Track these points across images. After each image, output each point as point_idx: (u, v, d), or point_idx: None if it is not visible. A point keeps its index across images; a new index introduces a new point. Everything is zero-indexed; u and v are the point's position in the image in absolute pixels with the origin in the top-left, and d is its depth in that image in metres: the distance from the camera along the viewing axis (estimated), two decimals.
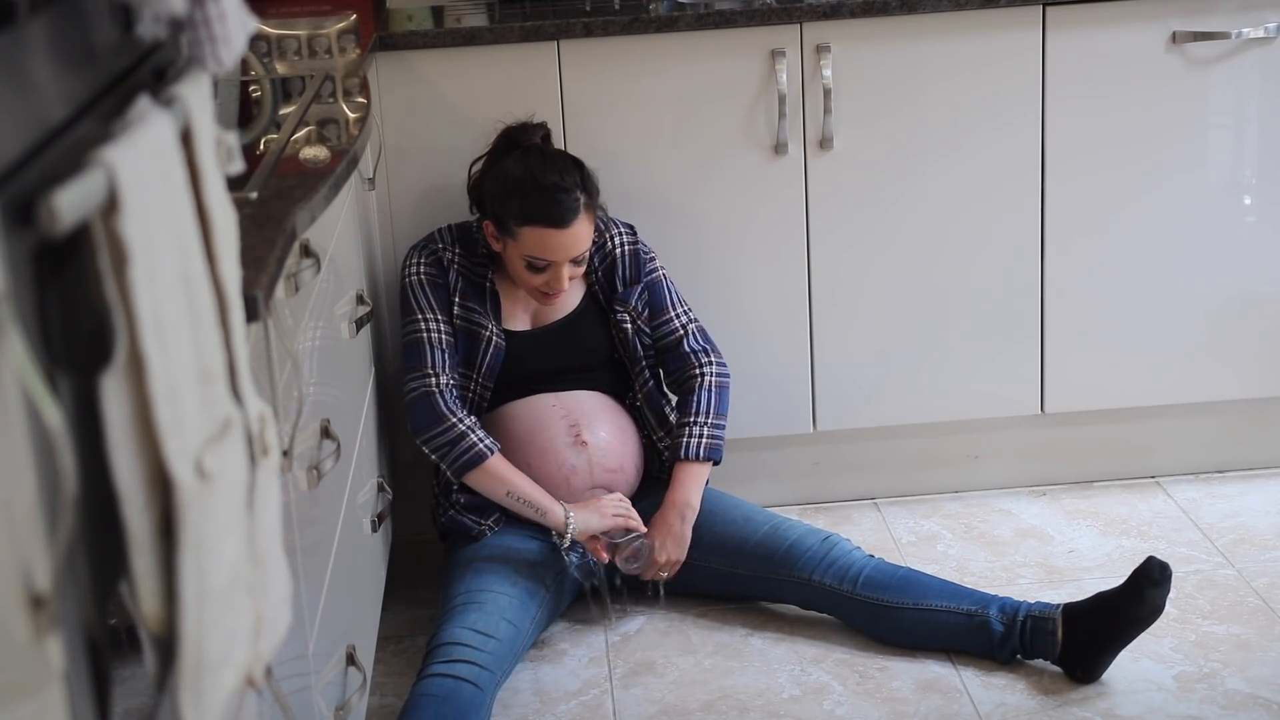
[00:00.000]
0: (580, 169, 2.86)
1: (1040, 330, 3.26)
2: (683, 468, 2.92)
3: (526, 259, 2.83)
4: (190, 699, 1.17)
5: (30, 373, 0.95)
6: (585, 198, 2.83)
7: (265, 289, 1.51)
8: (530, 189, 2.80)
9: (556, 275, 2.84)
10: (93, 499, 1.10)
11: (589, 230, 2.85)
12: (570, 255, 2.83)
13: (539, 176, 2.81)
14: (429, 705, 2.51)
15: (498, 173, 2.87)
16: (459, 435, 2.82)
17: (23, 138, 1.06)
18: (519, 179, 2.82)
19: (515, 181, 2.82)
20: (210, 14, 1.34)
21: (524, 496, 2.82)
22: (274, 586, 1.38)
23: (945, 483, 3.40)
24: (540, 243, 2.81)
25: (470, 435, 2.82)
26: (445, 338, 2.88)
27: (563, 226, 2.80)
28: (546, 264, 2.83)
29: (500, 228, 2.85)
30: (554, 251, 2.82)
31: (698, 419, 2.96)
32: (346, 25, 3.14)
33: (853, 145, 3.14)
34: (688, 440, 2.93)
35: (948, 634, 2.75)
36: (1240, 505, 3.27)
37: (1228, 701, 2.59)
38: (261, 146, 2.18)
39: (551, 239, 2.81)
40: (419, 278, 2.92)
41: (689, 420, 2.96)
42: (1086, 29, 3.11)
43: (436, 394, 2.83)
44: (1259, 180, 3.23)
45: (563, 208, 2.79)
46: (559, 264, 2.83)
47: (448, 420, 2.82)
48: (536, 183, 2.80)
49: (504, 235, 2.85)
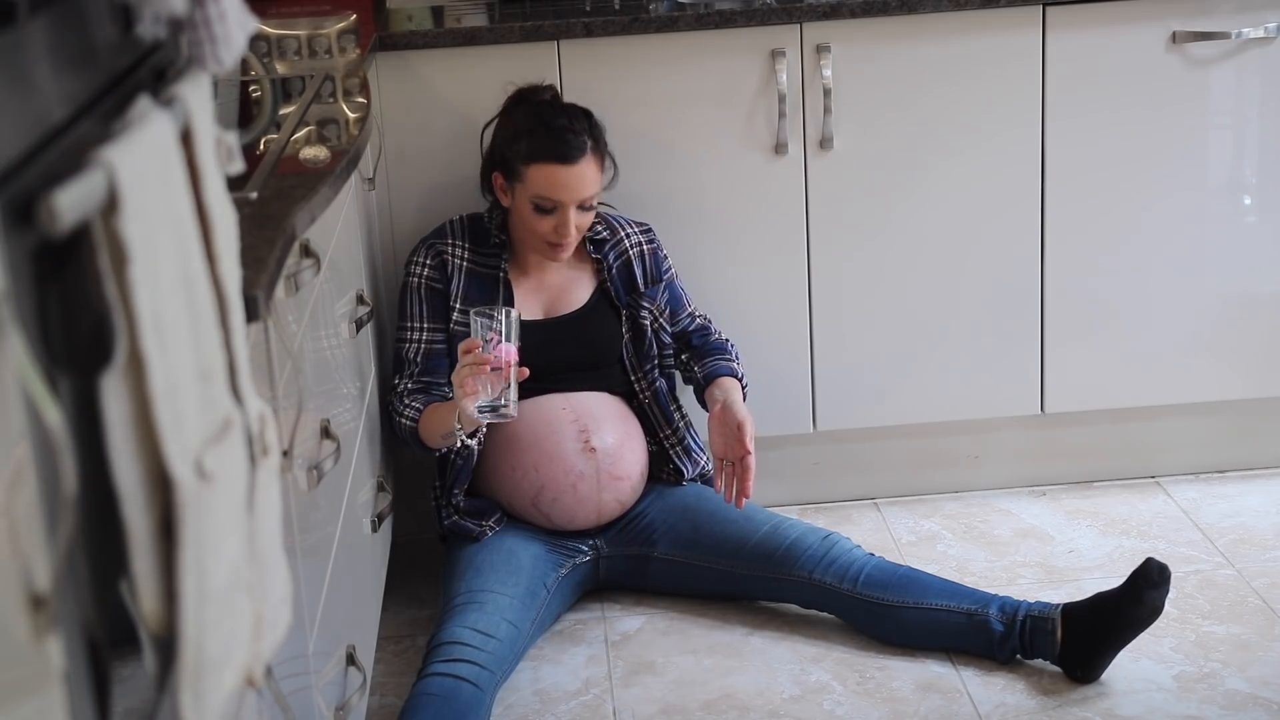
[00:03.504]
0: (589, 117, 2.91)
1: (1040, 330, 3.26)
2: (731, 384, 2.97)
3: (534, 201, 2.85)
4: (190, 699, 1.17)
5: (30, 373, 0.95)
6: (592, 142, 2.87)
7: (265, 289, 1.51)
8: (538, 129, 2.85)
9: (564, 219, 2.85)
10: (93, 499, 1.10)
11: (596, 175, 2.88)
12: (577, 196, 2.85)
13: (548, 120, 2.86)
14: (429, 705, 2.51)
15: (506, 122, 2.92)
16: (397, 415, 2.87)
17: (23, 138, 1.06)
18: (528, 123, 2.87)
19: (524, 125, 2.87)
20: (210, 14, 1.34)
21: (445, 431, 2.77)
22: (274, 586, 1.38)
23: (945, 483, 3.40)
24: (547, 180, 2.83)
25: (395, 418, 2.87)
26: (430, 347, 2.92)
27: (570, 163, 2.83)
28: (554, 205, 2.85)
29: (508, 174, 2.89)
30: (561, 190, 2.84)
31: (738, 361, 3.04)
32: (346, 25, 3.14)
33: (853, 145, 3.14)
34: (735, 365, 3.01)
35: (948, 633, 2.75)
36: (1240, 505, 3.27)
37: (1228, 701, 2.59)
38: (261, 146, 2.18)
39: (559, 176, 2.83)
40: (418, 280, 2.93)
41: (730, 357, 3.03)
42: (1086, 29, 3.11)
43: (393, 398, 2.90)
44: (1259, 180, 3.23)
45: (570, 145, 2.83)
46: (566, 206, 2.84)
47: (393, 409, 2.88)
48: (545, 124, 2.86)
49: (512, 182, 2.88)
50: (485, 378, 2.63)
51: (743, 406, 2.91)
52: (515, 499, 2.91)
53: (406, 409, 2.85)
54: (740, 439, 2.85)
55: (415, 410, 2.84)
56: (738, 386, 2.97)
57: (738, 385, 2.98)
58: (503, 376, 2.62)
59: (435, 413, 2.80)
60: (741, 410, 2.89)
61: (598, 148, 2.89)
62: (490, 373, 2.63)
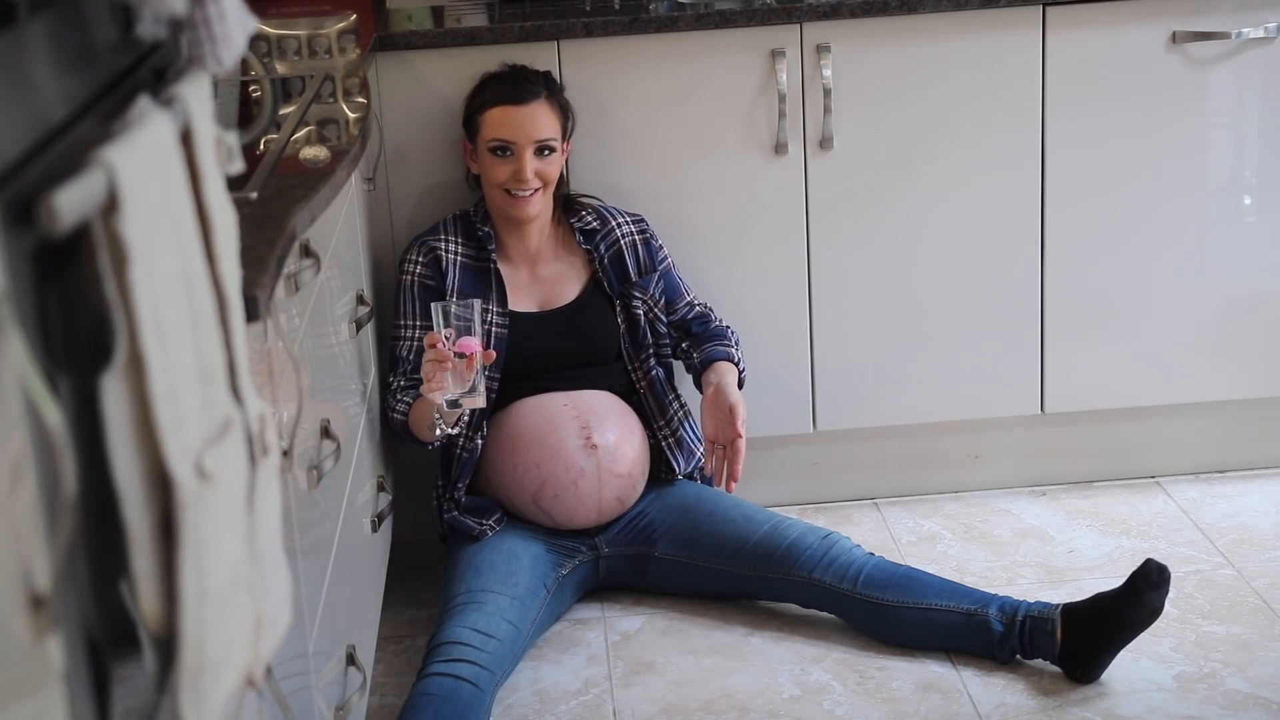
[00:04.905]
0: (546, 74, 2.99)
1: (1040, 330, 3.26)
2: (727, 368, 2.98)
3: (490, 145, 2.92)
4: (190, 699, 1.17)
5: (30, 373, 0.95)
6: (547, 93, 2.95)
7: (265, 289, 1.51)
8: (492, 80, 2.98)
9: (520, 162, 2.90)
10: (93, 499, 1.10)
11: (552, 120, 2.94)
12: (531, 135, 2.90)
13: (502, 72, 2.98)
14: (428, 705, 2.51)
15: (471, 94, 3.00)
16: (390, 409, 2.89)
17: (23, 138, 1.06)
18: (484, 80, 2.98)
19: (481, 83, 2.98)
20: (210, 14, 1.34)
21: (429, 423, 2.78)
22: (274, 586, 1.38)
23: (945, 483, 3.40)
24: (500, 121, 2.91)
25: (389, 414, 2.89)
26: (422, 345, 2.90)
27: (521, 103, 2.91)
28: (508, 146, 2.90)
29: (471, 134, 2.97)
30: (514, 130, 2.91)
31: (737, 347, 3.04)
32: (346, 25, 3.14)
33: (853, 145, 3.14)
34: (733, 350, 3.01)
35: (947, 633, 2.75)
36: (1240, 505, 3.27)
37: (1228, 701, 2.59)
38: (261, 146, 2.18)
39: (511, 115, 2.91)
40: (411, 279, 2.96)
41: (729, 343, 3.03)
42: (1086, 29, 3.11)
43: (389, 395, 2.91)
44: (1259, 180, 3.23)
45: (521, 88, 2.93)
46: (521, 147, 2.90)
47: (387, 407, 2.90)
48: (498, 75, 2.98)
49: (474, 140, 2.96)
50: (449, 372, 2.63)
51: (736, 390, 2.92)
52: (516, 496, 2.91)
53: (399, 404, 2.88)
54: (732, 422, 2.86)
55: (406, 405, 2.86)
56: (733, 370, 2.98)
57: (733, 369, 2.98)
58: (469, 366, 2.62)
59: (420, 407, 2.82)
60: (734, 393, 2.90)
61: (552, 95, 2.96)
62: (455, 364, 2.62)
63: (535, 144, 2.90)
